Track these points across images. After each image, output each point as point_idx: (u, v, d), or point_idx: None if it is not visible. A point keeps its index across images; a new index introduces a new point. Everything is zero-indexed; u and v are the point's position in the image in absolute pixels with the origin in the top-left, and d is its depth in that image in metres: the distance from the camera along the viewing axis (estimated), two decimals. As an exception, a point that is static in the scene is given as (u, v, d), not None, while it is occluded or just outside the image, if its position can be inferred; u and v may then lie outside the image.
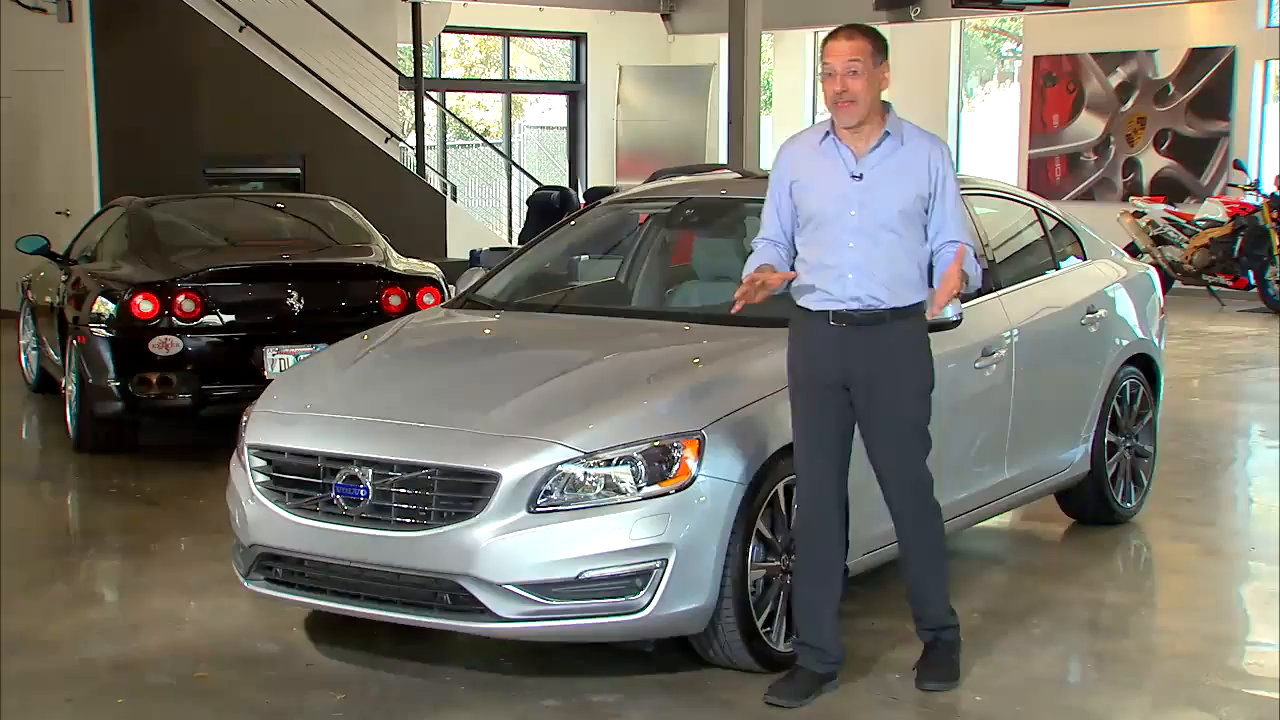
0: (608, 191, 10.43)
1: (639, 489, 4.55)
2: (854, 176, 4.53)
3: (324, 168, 14.96)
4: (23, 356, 10.61)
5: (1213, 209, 16.05)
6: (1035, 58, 18.75)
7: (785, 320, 5.33)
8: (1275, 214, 15.27)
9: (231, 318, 8.23)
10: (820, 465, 4.62)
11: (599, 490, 4.56)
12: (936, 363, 5.39)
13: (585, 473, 4.56)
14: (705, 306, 5.98)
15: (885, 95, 4.61)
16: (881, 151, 4.54)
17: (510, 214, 20.95)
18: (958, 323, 5.13)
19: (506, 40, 21.44)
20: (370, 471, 4.70)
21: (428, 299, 8.55)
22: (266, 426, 5.09)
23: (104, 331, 8.12)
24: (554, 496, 4.55)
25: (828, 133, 4.61)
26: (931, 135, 4.67)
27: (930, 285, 4.61)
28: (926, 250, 4.62)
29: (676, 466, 4.58)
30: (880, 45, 4.55)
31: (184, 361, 8.09)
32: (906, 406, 4.63)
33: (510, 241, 18.47)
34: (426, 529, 4.60)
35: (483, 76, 22.60)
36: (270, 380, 6.43)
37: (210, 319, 8.15)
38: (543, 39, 22.03)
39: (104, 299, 8.19)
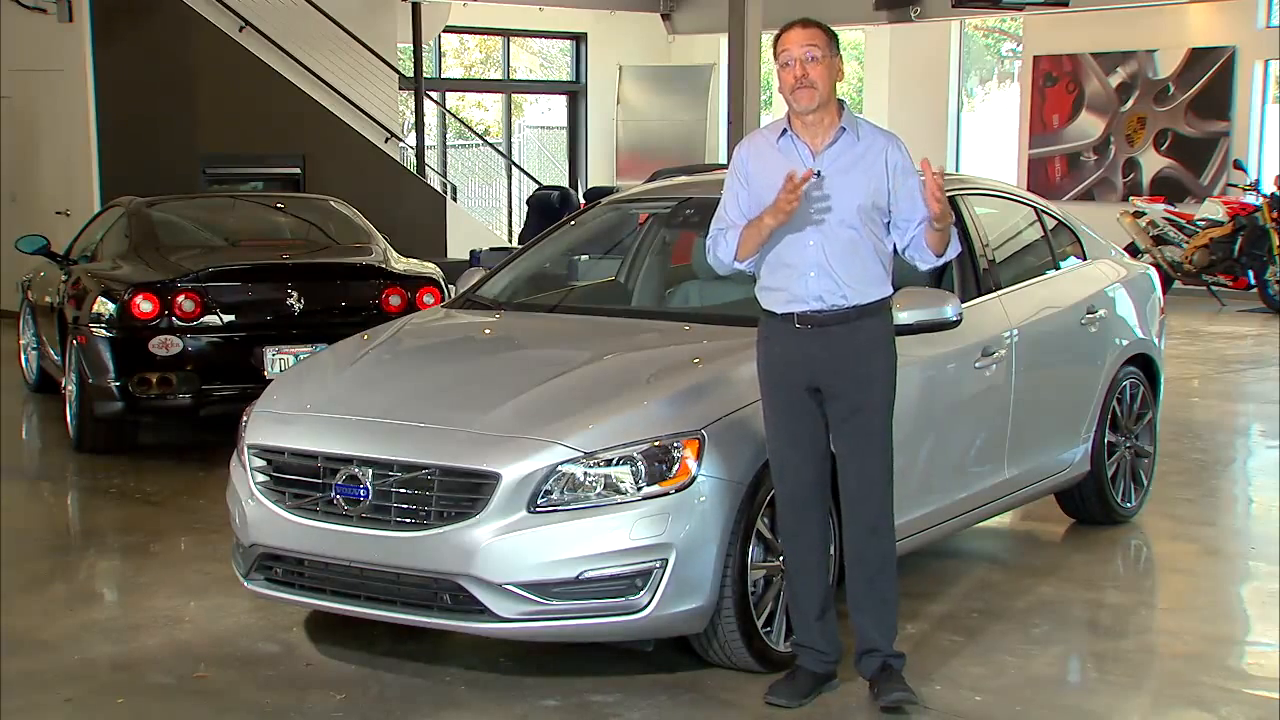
0: (608, 191, 10.44)
1: (639, 489, 4.55)
2: (818, 173, 4.47)
3: (324, 168, 14.96)
4: (23, 356, 10.61)
5: (1213, 209, 16.05)
6: (1035, 58, 18.75)
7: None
8: (1275, 214, 15.27)
9: (231, 318, 8.23)
10: (796, 466, 4.57)
11: (599, 490, 4.56)
12: (936, 363, 5.42)
13: (585, 473, 4.56)
14: (705, 306, 5.99)
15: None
16: (838, 148, 4.50)
17: (510, 214, 20.95)
18: (957, 322, 5.13)
19: (506, 40, 21.44)
20: (370, 471, 4.70)
21: (428, 299, 8.56)
22: (266, 426, 5.09)
23: (104, 331, 8.12)
24: (554, 496, 4.55)
25: (785, 130, 4.57)
26: (888, 132, 4.62)
27: (892, 284, 4.61)
28: (888, 246, 4.57)
29: (676, 466, 4.58)
30: (833, 38, 4.53)
31: (184, 361, 8.09)
32: (873, 406, 4.52)
33: (510, 241, 18.47)
34: (426, 529, 4.60)
35: (483, 76, 22.60)
36: (270, 380, 6.43)
37: (210, 319, 8.16)
38: (543, 39, 22.04)
39: (104, 299, 8.19)
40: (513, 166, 20.94)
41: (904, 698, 4.57)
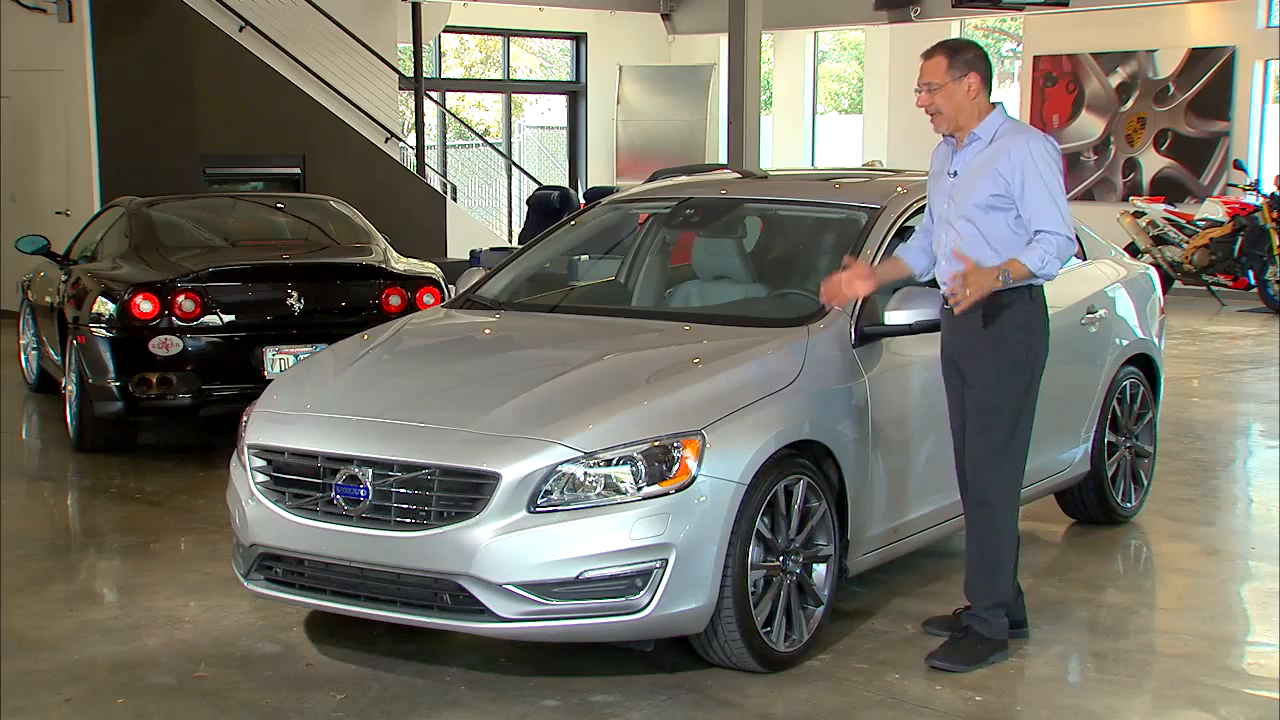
0: (608, 191, 10.43)
1: (639, 489, 4.55)
2: (950, 174, 5.00)
3: (324, 168, 14.97)
4: (23, 356, 10.61)
5: (1213, 209, 16.05)
6: (1035, 58, 18.76)
7: (781, 321, 5.36)
8: (1275, 214, 15.28)
9: (231, 318, 8.23)
10: (953, 433, 5.13)
11: (599, 490, 4.56)
12: (937, 363, 5.39)
13: (585, 473, 4.56)
14: (705, 306, 5.99)
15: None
16: (970, 151, 4.96)
17: (510, 214, 20.95)
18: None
19: (506, 40, 21.45)
20: (370, 471, 4.70)
21: (428, 299, 8.56)
22: (266, 426, 5.09)
23: (104, 331, 8.12)
24: (554, 496, 4.55)
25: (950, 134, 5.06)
26: (1021, 134, 4.92)
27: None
28: (1015, 237, 4.89)
29: (676, 466, 4.58)
30: (959, 59, 4.95)
31: (184, 361, 8.09)
32: (986, 386, 4.93)
33: (510, 241, 18.47)
34: (426, 529, 4.60)
35: (483, 76, 22.60)
36: (270, 380, 6.42)
37: (210, 319, 8.16)
38: (543, 39, 22.04)
39: (104, 299, 8.19)
40: (513, 166, 20.94)
41: (944, 666, 4.90)
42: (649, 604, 4.54)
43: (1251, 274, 15.55)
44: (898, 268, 5.23)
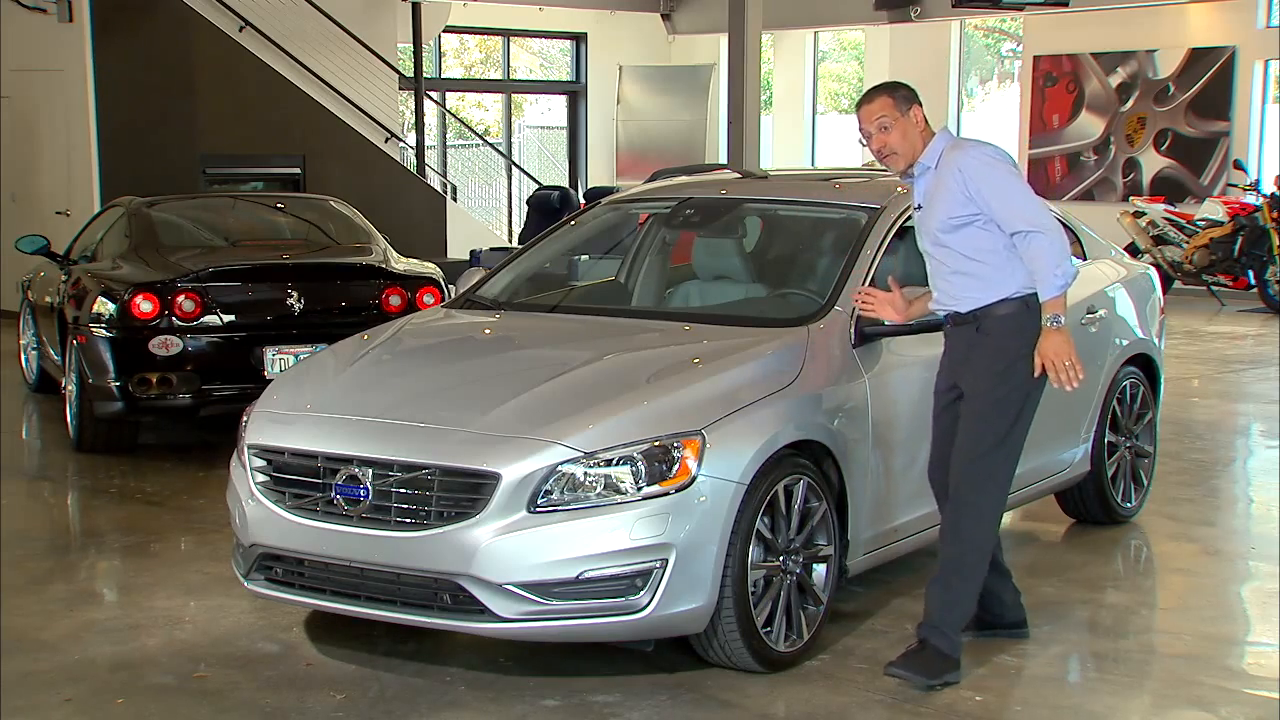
0: (608, 191, 10.43)
1: (639, 489, 4.55)
2: (917, 207, 4.95)
3: (324, 168, 14.97)
4: (23, 356, 10.61)
5: (1213, 209, 16.05)
6: (1035, 58, 18.75)
7: (781, 321, 5.37)
8: (1275, 214, 15.28)
9: (231, 318, 8.23)
10: (937, 460, 5.00)
11: (599, 490, 4.56)
12: (937, 363, 5.39)
13: (585, 473, 4.57)
14: (705, 306, 5.99)
15: None
16: (924, 180, 4.90)
17: (510, 214, 20.95)
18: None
19: (506, 40, 21.45)
20: (370, 471, 4.70)
21: (428, 299, 8.56)
22: (266, 426, 5.09)
23: (104, 331, 8.12)
24: (554, 496, 4.55)
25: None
26: (962, 148, 4.82)
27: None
28: (994, 242, 4.76)
29: (676, 466, 4.58)
30: (902, 94, 4.91)
31: (184, 361, 8.09)
32: (972, 395, 4.82)
33: (510, 241, 18.47)
34: (426, 529, 4.60)
35: (483, 76, 22.60)
36: (270, 380, 6.43)
37: (210, 319, 8.16)
38: (543, 39, 22.04)
39: (104, 299, 8.19)
40: (513, 166, 20.94)
41: (902, 676, 4.74)
42: (649, 604, 4.55)
43: (1251, 274, 15.55)
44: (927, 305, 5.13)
